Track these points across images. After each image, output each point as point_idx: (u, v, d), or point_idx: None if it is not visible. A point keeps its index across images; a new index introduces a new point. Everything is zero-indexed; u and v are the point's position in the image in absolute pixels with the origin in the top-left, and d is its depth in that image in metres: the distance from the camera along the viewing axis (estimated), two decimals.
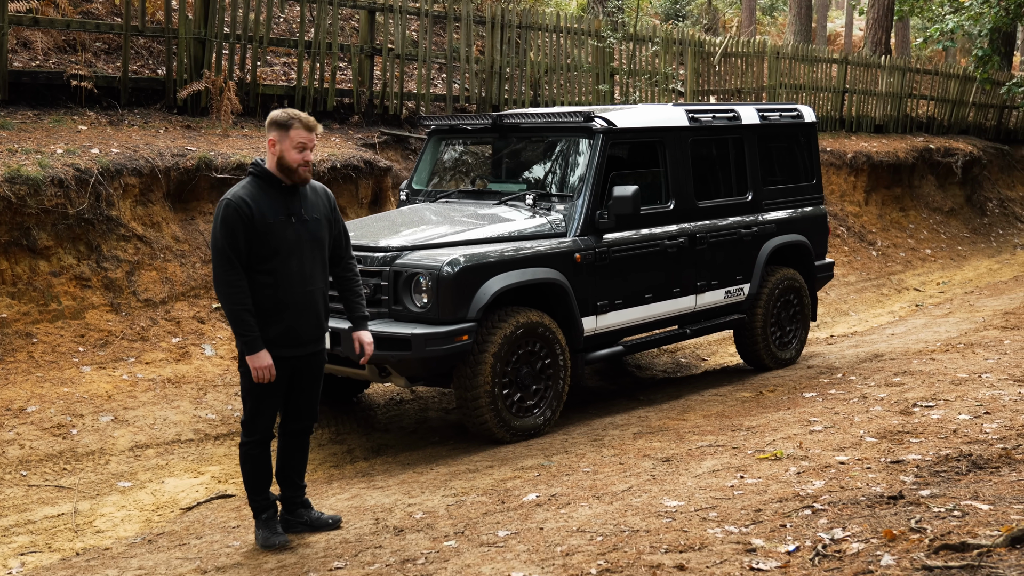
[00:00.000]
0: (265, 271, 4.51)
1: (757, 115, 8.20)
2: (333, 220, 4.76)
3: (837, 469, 4.92)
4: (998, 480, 4.41)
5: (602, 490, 4.97)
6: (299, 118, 4.55)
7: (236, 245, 4.44)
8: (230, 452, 6.66)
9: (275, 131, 4.55)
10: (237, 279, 4.45)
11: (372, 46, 10.69)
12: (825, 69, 16.32)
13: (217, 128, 9.16)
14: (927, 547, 3.41)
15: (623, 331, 7.22)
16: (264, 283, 4.51)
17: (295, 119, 4.54)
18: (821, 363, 8.48)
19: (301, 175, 4.55)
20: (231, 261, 4.44)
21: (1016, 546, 3.13)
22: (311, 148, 4.56)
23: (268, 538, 4.71)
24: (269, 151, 4.57)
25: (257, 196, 4.50)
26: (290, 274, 4.54)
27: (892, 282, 13.54)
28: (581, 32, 12.65)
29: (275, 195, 4.55)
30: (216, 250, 4.46)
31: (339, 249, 4.81)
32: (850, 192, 15.17)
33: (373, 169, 9.54)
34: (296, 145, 4.51)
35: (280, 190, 4.57)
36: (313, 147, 4.58)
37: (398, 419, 7.49)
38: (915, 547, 3.47)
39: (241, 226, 4.44)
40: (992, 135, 19.46)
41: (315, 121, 4.61)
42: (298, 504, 4.91)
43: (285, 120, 4.54)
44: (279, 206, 4.54)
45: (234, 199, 4.47)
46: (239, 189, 4.53)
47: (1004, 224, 17.58)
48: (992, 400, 6.18)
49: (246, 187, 4.54)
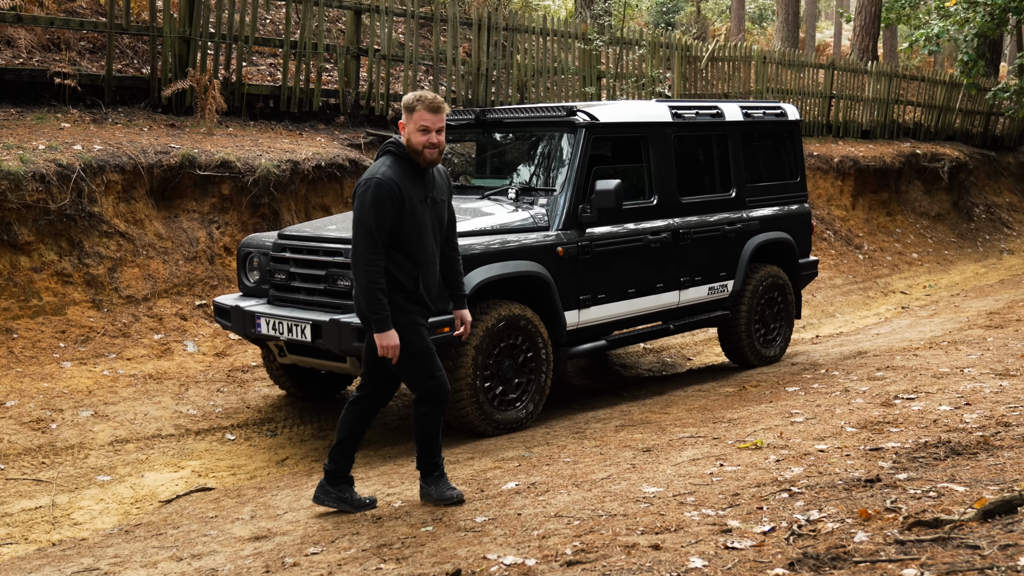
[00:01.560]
0: (406, 250, 4.60)
1: (741, 112, 8.22)
2: (450, 202, 4.86)
3: (816, 456, 4.91)
4: (975, 464, 4.41)
5: (581, 478, 4.96)
6: (423, 100, 4.58)
7: (383, 225, 4.50)
8: (210, 447, 6.63)
9: (404, 114, 4.62)
10: (378, 258, 4.51)
11: (358, 47, 10.69)
12: (812, 75, 16.38)
13: (202, 127, 9.15)
14: (901, 524, 3.41)
15: (606, 326, 7.22)
16: (405, 262, 4.60)
17: (419, 101, 4.58)
18: (805, 360, 8.48)
19: (427, 157, 4.59)
20: (375, 241, 4.49)
21: (987, 519, 3.13)
22: (436, 130, 4.58)
23: (443, 492, 4.76)
24: (402, 134, 4.64)
25: (403, 177, 4.56)
26: (426, 253, 4.66)
27: (878, 285, 13.57)
28: (568, 35, 12.68)
29: (415, 176, 4.62)
30: (363, 228, 4.49)
31: (451, 229, 4.90)
32: (837, 196, 15.21)
33: (358, 168, 9.53)
34: (420, 127, 4.55)
35: (418, 171, 4.63)
36: (440, 129, 4.59)
37: (381, 415, 7.45)
38: (889, 525, 3.46)
39: (391, 207, 4.51)
40: (979, 141, 19.55)
41: (441, 102, 4.62)
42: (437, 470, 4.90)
43: (410, 103, 4.60)
44: (419, 187, 4.62)
45: (386, 180, 4.50)
46: (385, 170, 4.55)
47: (991, 229, 17.64)
48: (973, 392, 6.18)
49: (391, 167, 4.57)
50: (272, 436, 6.89)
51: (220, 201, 8.51)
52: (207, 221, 8.42)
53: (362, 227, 4.50)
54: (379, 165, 4.60)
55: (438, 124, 4.58)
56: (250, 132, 9.56)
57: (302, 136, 9.89)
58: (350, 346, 6.00)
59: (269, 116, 10.12)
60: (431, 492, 4.82)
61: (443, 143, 4.63)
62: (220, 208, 8.51)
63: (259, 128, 9.78)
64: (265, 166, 8.60)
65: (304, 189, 9.06)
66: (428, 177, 4.69)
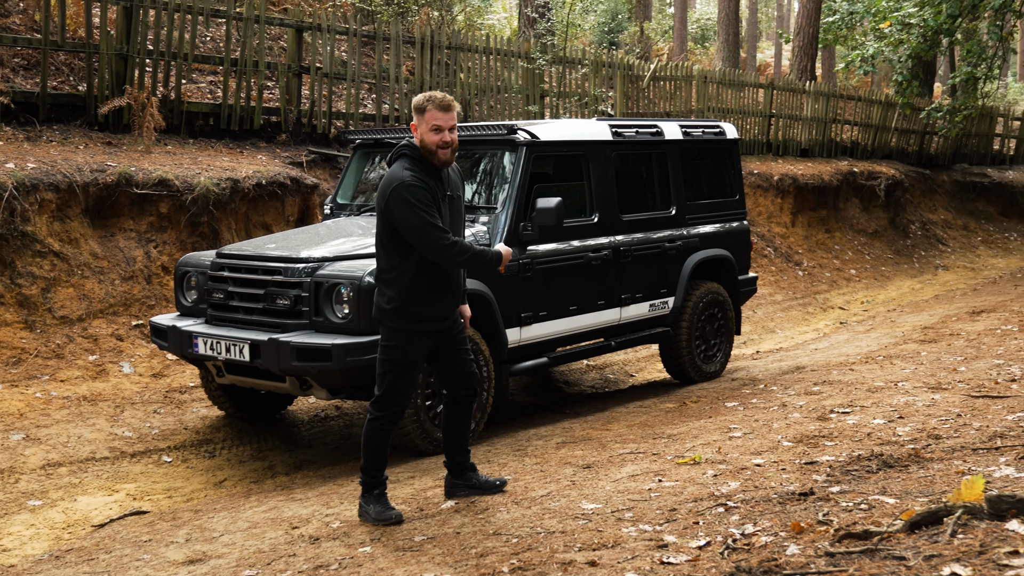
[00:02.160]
0: None
1: (680, 131, 8.32)
2: (463, 199, 4.94)
3: (753, 471, 4.97)
4: (906, 477, 4.49)
5: (521, 496, 4.96)
6: (433, 99, 4.65)
7: (432, 209, 4.57)
8: (146, 470, 6.51)
9: (415, 116, 4.69)
10: (448, 235, 4.58)
11: (300, 65, 10.66)
12: (752, 94, 16.64)
13: (139, 144, 9.04)
14: (832, 537, 3.45)
15: (548, 343, 7.23)
16: (429, 261, 4.65)
17: (429, 101, 4.64)
18: (745, 376, 8.58)
19: (440, 156, 4.66)
20: (439, 227, 4.56)
21: (914, 530, 3.19)
22: (449, 128, 4.64)
23: (382, 512, 4.76)
24: (414, 136, 4.70)
25: (422, 176, 4.62)
26: None
27: (818, 301, 13.78)
28: (511, 54, 12.75)
29: (432, 175, 4.69)
30: (421, 226, 4.53)
31: (463, 227, 4.99)
32: (777, 214, 15.44)
33: (300, 186, 9.48)
34: (433, 127, 4.62)
35: (434, 170, 4.70)
36: (452, 127, 4.65)
37: (322, 435, 7.40)
38: (821, 537, 3.51)
39: (430, 197, 4.59)
40: (914, 160, 19.99)
41: (452, 100, 4.70)
42: (466, 468, 5.10)
43: (421, 104, 4.66)
44: (437, 185, 4.69)
45: (412, 179, 4.58)
46: (406, 171, 4.62)
47: (926, 246, 18.02)
48: (906, 406, 6.30)
49: (410, 169, 4.64)
50: (210, 458, 6.80)
51: (158, 220, 8.40)
52: (144, 240, 8.31)
53: (417, 227, 4.54)
54: (398, 169, 4.66)
55: (450, 122, 4.65)
56: (189, 150, 9.46)
57: (243, 154, 9.81)
58: (289, 365, 5.96)
59: (209, 134, 10.03)
60: (369, 512, 4.79)
61: (456, 141, 4.70)
62: (158, 227, 8.40)
63: (199, 146, 9.68)
64: (204, 184, 8.52)
65: (245, 207, 8.98)
66: (444, 175, 4.78)
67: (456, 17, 16.15)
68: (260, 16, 10.22)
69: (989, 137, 22.47)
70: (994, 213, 21.01)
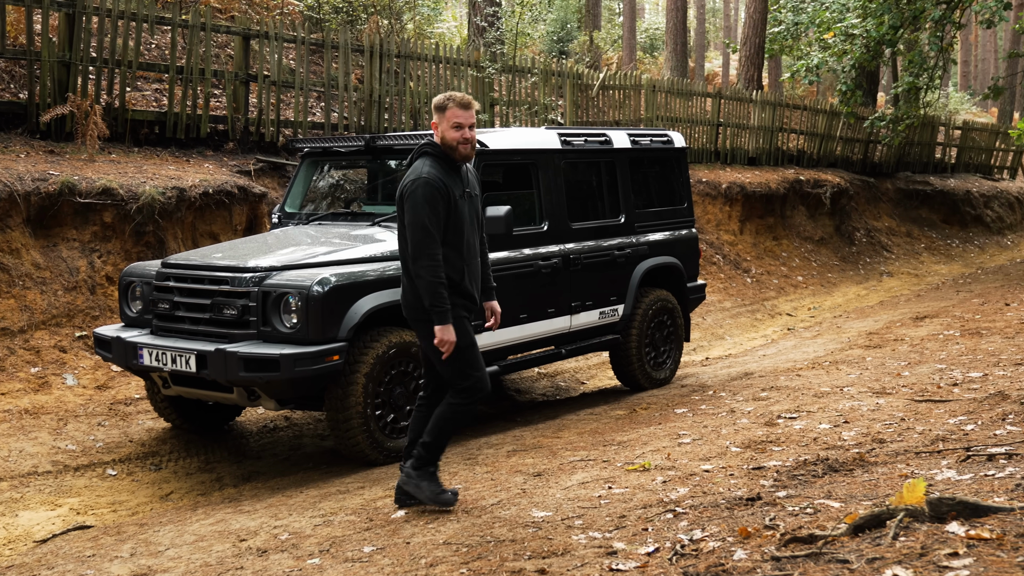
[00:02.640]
0: (452, 244, 4.79)
1: (628, 139, 8.38)
2: (480, 197, 5.04)
3: (701, 477, 5.01)
4: (851, 481, 4.55)
5: (472, 505, 4.94)
6: (453, 98, 4.80)
7: (438, 220, 4.70)
8: (90, 483, 6.40)
9: (435, 114, 4.83)
10: (438, 252, 4.70)
11: (247, 73, 10.56)
12: (700, 103, 16.81)
13: (83, 153, 8.89)
14: (778, 541, 3.49)
15: (499, 351, 7.23)
16: (451, 255, 4.78)
17: (450, 99, 4.80)
18: (694, 382, 8.65)
19: (461, 152, 4.79)
20: (433, 236, 4.68)
21: (857, 533, 3.23)
22: (469, 126, 4.77)
23: (439, 493, 4.88)
24: (435, 134, 4.85)
25: (443, 174, 4.76)
26: (470, 247, 4.87)
27: (766, 307, 13.94)
28: (461, 63, 12.75)
29: (452, 173, 4.82)
30: (420, 226, 4.67)
31: (480, 224, 5.07)
32: (725, 221, 15.61)
33: (247, 195, 9.39)
34: (453, 124, 4.76)
35: (454, 168, 4.84)
36: (472, 125, 4.78)
37: (271, 446, 7.33)
38: (767, 542, 3.54)
39: (442, 202, 4.70)
40: (859, 168, 20.33)
41: (471, 99, 4.84)
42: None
43: (441, 102, 4.81)
44: (457, 183, 4.82)
45: (431, 177, 4.70)
46: (428, 168, 4.74)
47: (871, 253, 18.31)
48: (851, 410, 6.39)
49: (431, 166, 4.76)
50: (156, 470, 6.70)
51: (102, 229, 8.27)
52: (88, 250, 8.17)
53: (419, 225, 4.68)
54: (420, 166, 4.78)
55: (470, 120, 4.79)
56: (134, 159, 9.33)
57: (189, 163, 9.70)
58: (237, 376, 5.90)
59: (154, 142, 9.90)
60: (423, 489, 4.87)
61: (475, 138, 4.83)
62: (102, 236, 8.27)
63: (144, 154, 9.56)
64: (150, 193, 8.40)
65: (191, 217, 8.88)
66: (464, 173, 4.89)
67: (406, 26, 16.13)
68: (206, 24, 10.12)
69: (931, 146, 22.92)
70: (936, 220, 21.43)
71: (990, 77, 32.79)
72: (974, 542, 2.98)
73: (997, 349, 8.32)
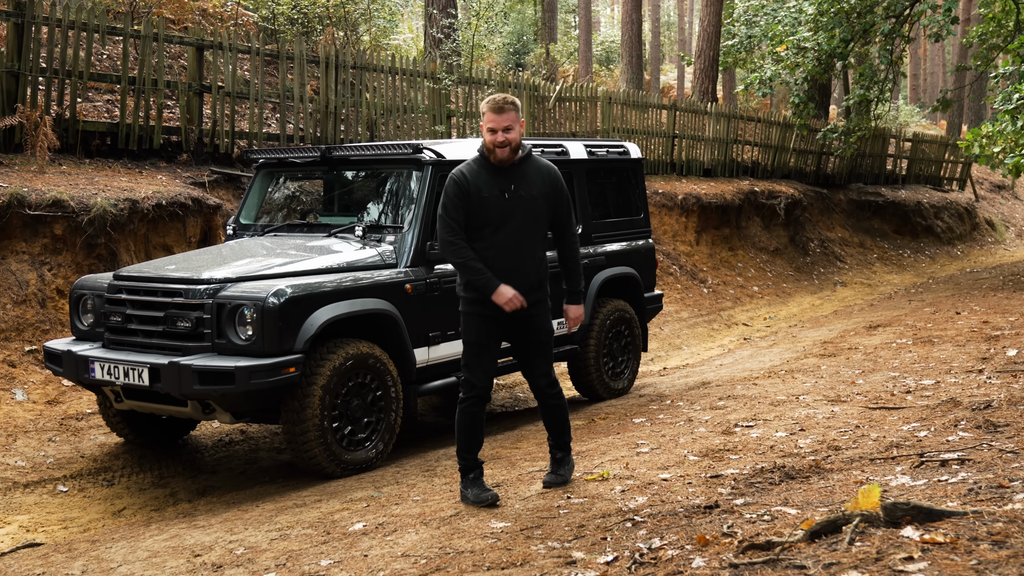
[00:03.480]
0: (481, 238, 4.96)
1: (585, 150, 8.41)
2: (553, 198, 5.08)
3: (660, 485, 5.02)
4: (807, 488, 4.59)
5: (431, 516, 4.91)
6: (490, 102, 4.96)
7: (452, 210, 4.92)
8: (41, 500, 6.27)
9: (482, 117, 5.02)
10: (458, 238, 4.93)
11: (201, 84, 10.47)
12: (655, 115, 16.94)
13: (32, 165, 8.75)
14: (736, 548, 3.50)
15: (456, 362, 7.20)
16: (480, 249, 4.96)
17: (487, 103, 4.96)
18: (652, 392, 8.68)
19: (498, 155, 4.94)
20: (449, 224, 4.92)
21: (814, 539, 3.25)
22: (504, 129, 4.89)
23: (479, 495, 5.00)
24: None
25: (476, 173, 4.97)
26: (502, 243, 4.97)
27: (722, 317, 14.05)
28: (417, 74, 12.74)
29: (492, 173, 4.97)
30: (439, 216, 4.97)
31: (559, 225, 5.17)
32: (682, 232, 15.72)
33: (202, 207, 9.29)
34: (488, 128, 4.92)
35: (495, 168, 4.98)
36: (507, 127, 4.89)
37: (226, 461, 7.23)
38: (725, 549, 3.55)
39: (458, 196, 4.92)
40: (812, 179, 20.59)
41: (504, 102, 4.94)
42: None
43: (482, 107, 4.98)
44: (494, 183, 4.96)
45: (456, 173, 4.98)
46: (463, 165, 5.03)
47: (825, 263, 18.54)
48: (807, 419, 6.44)
49: (469, 164, 5.03)
50: (109, 486, 6.59)
51: (52, 242, 8.14)
52: (38, 263, 8.04)
53: (439, 215, 4.98)
54: (463, 163, 5.07)
55: (503, 123, 4.89)
56: (85, 170, 9.20)
57: (142, 174, 9.58)
58: (191, 389, 5.82)
59: (106, 154, 9.77)
60: (467, 494, 5.04)
61: (513, 139, 4.92)
62: (52, 249, 8.14)
63: (95, 166, 9.43)
64: (101, 205, 8.29)
65: (144, 229, 8.77)
66: (513, 172, 4.99)
67: (362, 37, 16.09)
68: (159, 34, 10.02)
69: (882, 157, 23.29)
70: (888, 231, 21.75)
71: (939, 90, 33.43)
72: (929, 546, 3.01)
73: (949, 357, 8.45)
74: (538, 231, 5.09)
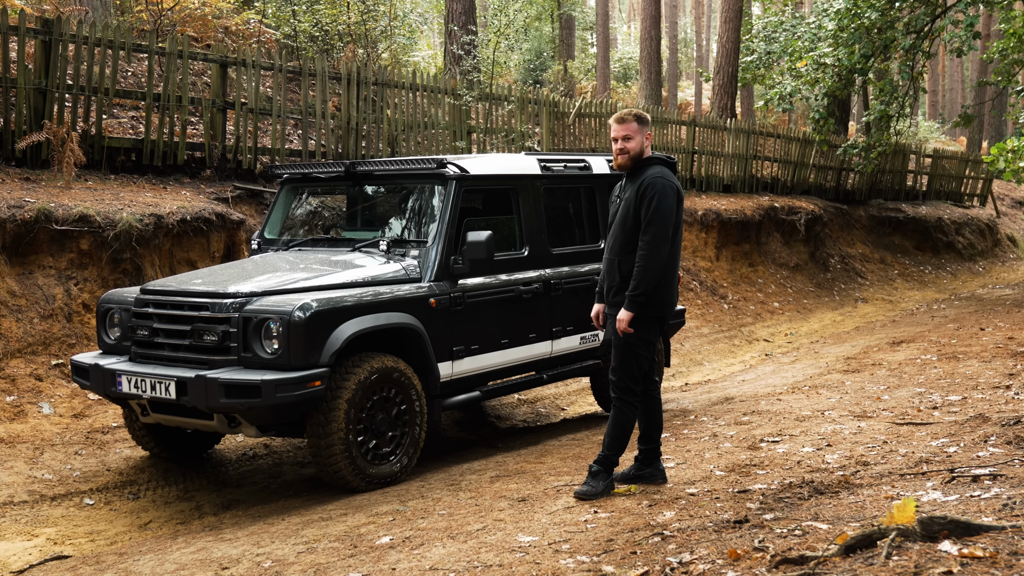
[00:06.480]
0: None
1: (607, 165, 8.41)
2: (637, 205, 5.28)
3: (687, 500, 4.99)
4: (837, 503, 4.56)
5: (457, 530, 4.90)
6: (616, 115, 5.35)
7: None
8: (67, 513, 6.30)
9: None
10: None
11: (224, 100, 10.54)
12: (675, 131, 16.94)
13: (59, 180, 8.83)
14: (769, 562, 3.48)
15: (480, 376, 7.21)
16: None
17: (613, 116, 5.37)
18: (675, 407, 8.64)
19: (618, 161, 5.36)
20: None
21: (849, 554, 3.23)
22: (622, 138, 5.28)
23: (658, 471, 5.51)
24: None
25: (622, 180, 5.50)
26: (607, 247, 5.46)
27: (743, 333, 14.00)
28: (438, 90, 12.79)
29: (626, 179, 5.44)
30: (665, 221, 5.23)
31: (641, 231, 5.31)
32: (702, 248, 15.69)
33: (225, 222, 9.34)
34: (612, 138, 5.35)
35: (628, 175, 5.41)
36: (626, 136, 5.28)
37: (251, 475, 7.24)
38: (757, 563, 3.53)
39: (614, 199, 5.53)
40: (832, 195, 20.52)
41: (627, 114, 5.32)
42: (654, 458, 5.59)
43: (610, 121, 5.41)
44: (622, 187, 5.44)
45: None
46: None
47: (845, 279, 18.46)
48: (834, 434, 6.41)
49: None
50: (135, 499, 6.61)
51: (79, 256, 8.20)
52: (64, 277, 8.09)
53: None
54: None
55: (621, 133, 5.30)
56: (111, 186, 9.27)
57: (166, 190, 9.65)
58: (217, 402, 5.84)
59: (131, 170, 9.84)
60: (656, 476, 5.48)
61: (630, 148, 5.29)
62: (79, 264, 8.20)
63: (120, 182, 9.50)
64: (127, 220, 8.34)
65: (169, 244, 8.82)
66: (634, 180, 5.31)
67: (382, 54, 16.17)
68: (183, 51, 10.10)
69: (903, 173, 23.20)
70: (909, 247, 21.64)
71: (958, 106, 33.31)
72: (968, 560, 2.98)
73: (975, 373, 8.39)
74: (623, 235, 5.36)
